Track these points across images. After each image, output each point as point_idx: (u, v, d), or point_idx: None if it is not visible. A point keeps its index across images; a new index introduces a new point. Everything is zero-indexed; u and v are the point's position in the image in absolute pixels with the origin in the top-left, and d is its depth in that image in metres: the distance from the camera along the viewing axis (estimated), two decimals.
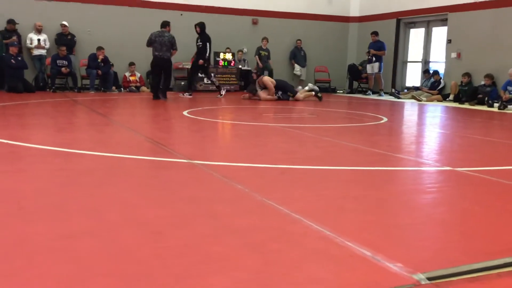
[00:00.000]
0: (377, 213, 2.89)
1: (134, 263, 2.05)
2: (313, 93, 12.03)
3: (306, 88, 12.40)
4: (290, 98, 11.49)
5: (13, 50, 11.75)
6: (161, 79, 10.96)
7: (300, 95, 11.64)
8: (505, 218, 2.85)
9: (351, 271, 2.04)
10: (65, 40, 12.78)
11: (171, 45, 10.75)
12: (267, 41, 14.58)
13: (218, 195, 3.19)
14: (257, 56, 14.54)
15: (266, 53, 14.61)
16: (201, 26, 11.67)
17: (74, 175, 3.66)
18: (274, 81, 11.60)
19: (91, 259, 2.08)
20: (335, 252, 2.21)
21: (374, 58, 14.26)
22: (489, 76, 11.56)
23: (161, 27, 10.90)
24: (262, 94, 11.30)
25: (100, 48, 12.74)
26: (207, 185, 3.45)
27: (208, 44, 11.57)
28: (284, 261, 2.11)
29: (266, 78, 11.65)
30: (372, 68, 14.41)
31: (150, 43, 10.73)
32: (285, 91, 11.55)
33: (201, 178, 3.66)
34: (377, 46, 14.28)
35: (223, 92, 12.04)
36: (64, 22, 12.83)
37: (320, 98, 11.74)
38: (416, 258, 2.16)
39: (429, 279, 1.92)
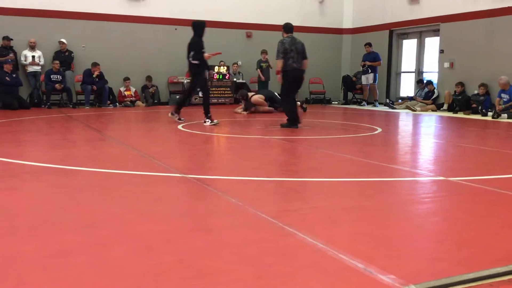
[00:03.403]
0: (371, 225, 2.89)
1: (127, 279, 2.04)
2: (298, 103, 12.20)
3: None
4: (279, 108, 11.73)
5: (7, 67, 11.77)
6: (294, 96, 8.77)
7: None
8: (497, 228, 2.86)
9: (344, 284, 2.04)
10: (62, 57, 12.84)
11: (304, 53, 8.39)
12: (267, 54, 14.65)
13: (212, 209, 3.19)
14: (259, 70, 14.59)
15: (267, 65, 14.70)
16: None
17: (68, 191, 3.66)
18: (262, 96, 11.79)
19: (84, 276, 2.07)
20: (328, 265, 2.21)
21: (369, 70, 14.37)
22: (483, 85, 11.65)
23: (288, 32, 8.44)
24: (260, 108, 11.56)
25: (95, 64, 12.78)
26: (201, 199, 3.45)
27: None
28: (278, 275, 2.11)
29: (255, 97, 11.77)
30: (367, 79, 14.51)
31: (285, 53, 8.21)
32: (272, 102, 11.77)
33: (195, 192, 3.67)
34: (371, 57, 14.40)
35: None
36: (62, 40, 12.89)
37: (304, 109, 11.82)
38: (409, 270, 2.17)
39: None
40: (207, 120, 8.58)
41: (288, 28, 8.48)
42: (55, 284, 1.99)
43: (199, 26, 8.90)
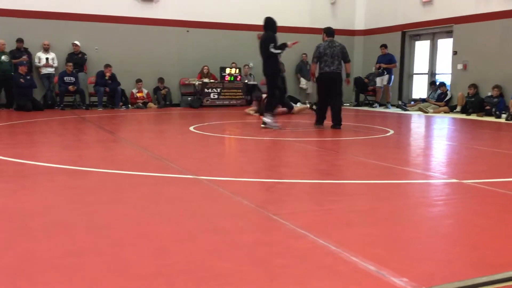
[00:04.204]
0: (383, 227, 2.87)
1: (139, 280, 2.05)
2: (308, 106, 12.21)
3: (298, 104, 12.56)
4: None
5: (22, 69, 11.90)
6: (328, 100, 8.68)
7: (295, 108, 11.88)
8: (511, 231, 2.83)
9: (356, 286, 2.03)
10: (75, 59, 12.95)
11: (343, 56, 8.50)
12: (280, 56, 14.61)
13: (224, 211, 3.19)
14: None
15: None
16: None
17: (81, 192, 3.68)
18: None
19: (95, 276, 2.09)
20: (340, 268, 2.20)
21: (384, 72, 14.27)
22: (497, 87, 11.55)
23: (329, 35, 8.65)
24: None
25: (107, 66, 12.88)
26: (212, 201, 3.46)
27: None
28: (289, 277, 2.10)
29: None
30: (381, 81, 14.40)
31: (318, 57, 8.49)
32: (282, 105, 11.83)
33: (207, 194, 3.67)
34: (387, 59, 14.29)
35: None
36: (76, 42, 13.00)
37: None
38: (422, 272, 2.15)
39: None
40: (269, 118, 8.28)
41: (329, 32, 8.71)
42: (68, 285, 2.00)
43: (273, 23, 8.77)
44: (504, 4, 11.87)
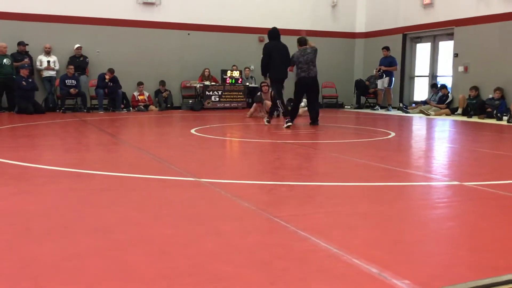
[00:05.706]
0: (385, 230, 2.87)
1: (141, 283, 2.05)
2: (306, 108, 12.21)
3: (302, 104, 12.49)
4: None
5: (24, 72, 11.91)
6: (301, 102, 9.90)
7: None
8: None
9: None
10: (77, 62, 12.96)
11: (313, 61, 9.40)
12: None
13: (225, 213, 3.19)
14: None
15: None
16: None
17: (82, 195, 3.69)
18: None
19: (98, 279, 2.09)
20: (342, 270, 2.20)
21: (384, 74, 14.26)
22: (498, 90, 11.54)
23: (301, 45, 9.54)
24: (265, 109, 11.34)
25: (109, 70, 12.86)
26: (214, 203, 3.46)
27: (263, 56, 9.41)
28: (291, 280, 2.10)
29: None
30: (382, 83, 14.40)
31: (294, 64, 9.46)
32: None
33: (208, 196, 3.67)
34: (387, 62, 14.27)
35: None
36: (78, 45, 13.01)
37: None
38: (424, 275, 2.15)
39: None
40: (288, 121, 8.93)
41: (300, 41, 9.63)
42: (70, 287, 2.00)
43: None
44: (505, 6, 11.87)
